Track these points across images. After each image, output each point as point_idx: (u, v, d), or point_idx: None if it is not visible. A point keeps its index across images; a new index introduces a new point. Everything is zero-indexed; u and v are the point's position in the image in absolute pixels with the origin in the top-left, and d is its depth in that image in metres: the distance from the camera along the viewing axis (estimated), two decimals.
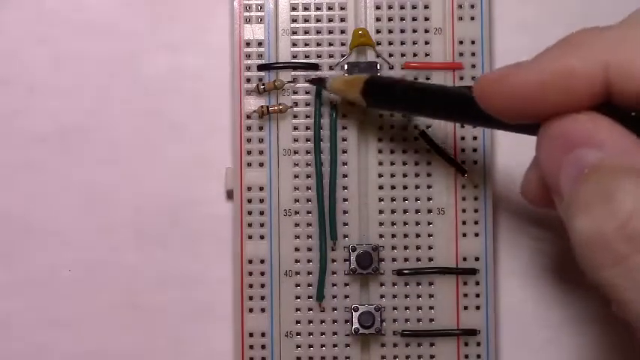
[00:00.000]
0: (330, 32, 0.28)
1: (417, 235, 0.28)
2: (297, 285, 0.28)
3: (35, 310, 0.29)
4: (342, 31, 0.28)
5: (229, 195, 0.28)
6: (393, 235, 0.28)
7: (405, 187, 0.28)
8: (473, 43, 0.28)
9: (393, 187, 0.28)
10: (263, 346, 0.28)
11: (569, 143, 0.19)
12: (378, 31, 0.28)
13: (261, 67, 0.28)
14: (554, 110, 0.20)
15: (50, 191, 0.29)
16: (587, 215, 0.18)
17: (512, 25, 0.29)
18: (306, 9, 0.28)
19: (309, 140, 0.28)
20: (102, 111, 0.29)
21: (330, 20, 0.28)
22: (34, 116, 0.29)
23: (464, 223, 0.28)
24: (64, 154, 0.29)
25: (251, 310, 0.28)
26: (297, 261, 0.28)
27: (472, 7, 0.28)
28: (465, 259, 0.28)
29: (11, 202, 0.29)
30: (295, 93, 0.28)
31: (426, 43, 0.28)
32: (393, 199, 0.28)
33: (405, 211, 0.28)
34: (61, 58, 0.29)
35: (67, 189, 0.29)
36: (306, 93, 0.28)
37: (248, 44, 0.28)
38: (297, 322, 0.28)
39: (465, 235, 0.28)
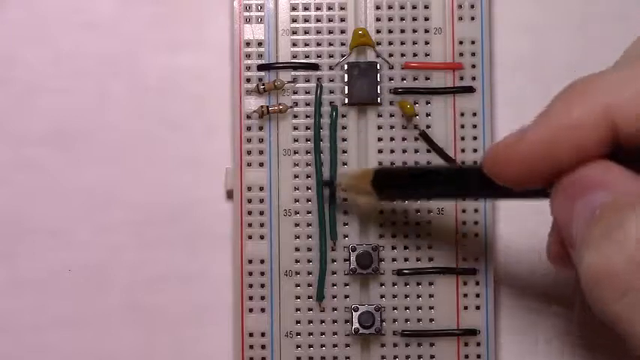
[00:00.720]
0: (330, 32, 0.28)
1: (417, 235, 0.28)
2: (297, 285, 0.28)
3: (35, 310, 0.29)
4: (342, 31, 0.28)
5: (229, 195, 0.28)
6: (393, 235, 0.28)
7: None
8: (473, 43, 0.28)
9: None
10: (263, 346, 0.28)
11: (580, 189, 0.19)
12: (378, 31, 0.28)
13: (261, 67, 0.28)
14: (566, 166, 0.19)
15: (50, 191, 0.29)
16: (596, 250, 0.18)
17: (512, 25, 0.29)
18: (306, 9, 0.28)
19: (309, 140, 0.28)
20: (102, 111, 0.29)
21: (330, 20, 0.28)
22: (34, 116, 0.29)
23: (464, 223, 0.28)
24: (64, 154, 0.29)
25: (251, 310, 0.28)
26: (297, 261, 0.28)
27: (472, 7, 0.28)
28: (464, 259, 0.28)
29: (11, 202, 0.29)
30: (295, 93, 0.28)
31: (426, 43, 0.28)
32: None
33: (405, 211, 0.28)
34: (61, 58, 0.29)
35: (67, 189, 0.29)
36: (306, 93, 0.28)
37: (248, 44, 0.28)
38: (297, 322, 0.28)
39: (465, 235, 0.28)
